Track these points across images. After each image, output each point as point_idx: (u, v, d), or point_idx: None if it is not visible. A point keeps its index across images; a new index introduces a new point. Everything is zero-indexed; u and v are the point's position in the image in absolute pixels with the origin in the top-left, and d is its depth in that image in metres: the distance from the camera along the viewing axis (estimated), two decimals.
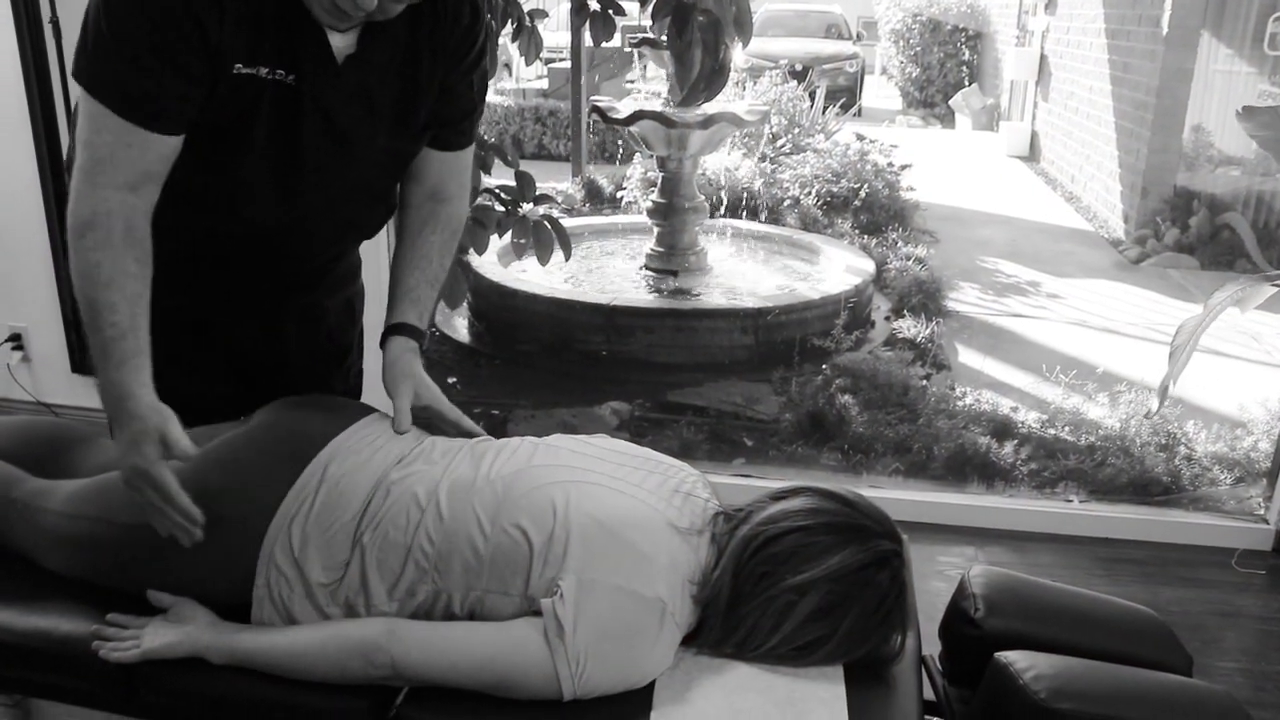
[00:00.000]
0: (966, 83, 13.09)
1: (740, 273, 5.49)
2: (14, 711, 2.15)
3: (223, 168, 1.50)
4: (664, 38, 2.93)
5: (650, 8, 2.82)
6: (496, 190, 2.86)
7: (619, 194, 7.19)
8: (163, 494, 1.39)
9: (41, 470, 1.68)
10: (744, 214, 6.56)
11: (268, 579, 1.42)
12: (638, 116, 4.85)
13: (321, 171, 1.55)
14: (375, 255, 2.00)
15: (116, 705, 1.53)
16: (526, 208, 2.87)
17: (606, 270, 5.53)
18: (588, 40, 7.47)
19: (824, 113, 8.41)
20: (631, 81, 9.26)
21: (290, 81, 1.45)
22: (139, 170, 1.41)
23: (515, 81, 10.21)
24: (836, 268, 5.42)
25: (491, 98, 9.50)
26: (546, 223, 2.85)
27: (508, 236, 2.89)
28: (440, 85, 1.58)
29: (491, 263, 4.92)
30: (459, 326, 5.01)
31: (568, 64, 8.55)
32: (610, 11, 2.88)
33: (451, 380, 4.51)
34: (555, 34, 9.41)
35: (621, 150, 7.84)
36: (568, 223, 2.88)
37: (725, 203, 6.50)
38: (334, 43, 1.46)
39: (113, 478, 1.49)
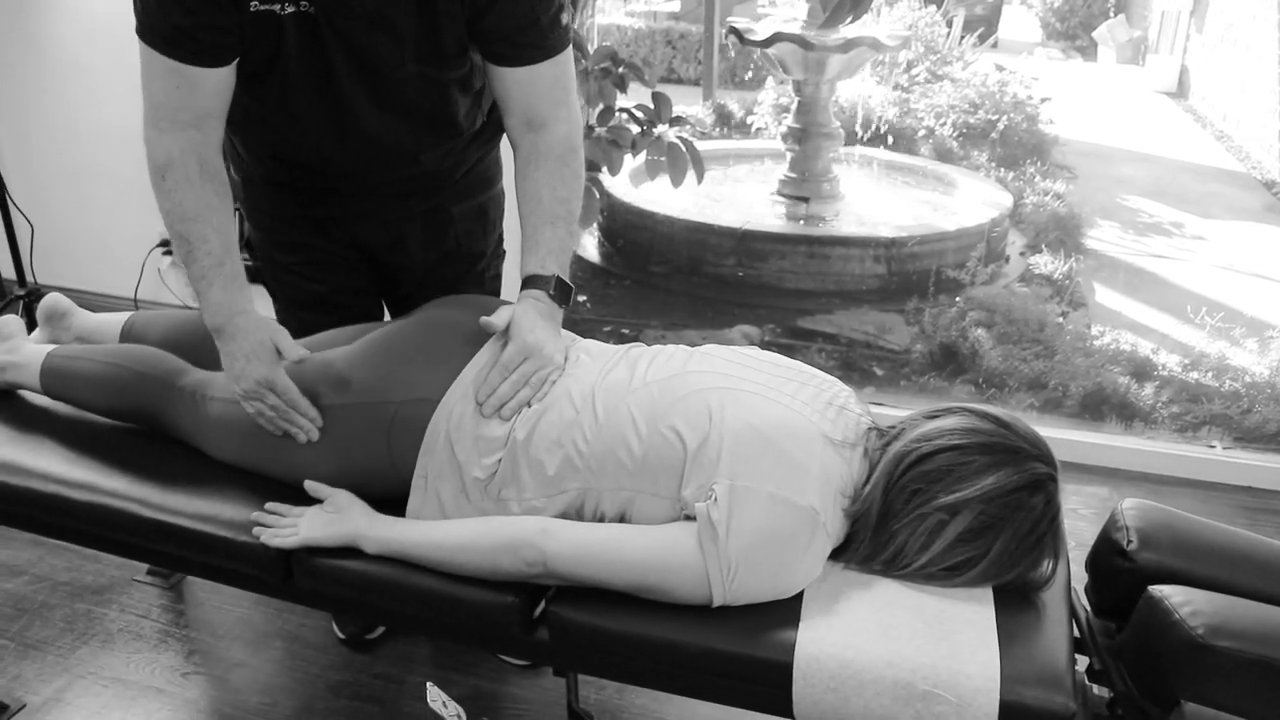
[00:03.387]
0: (1112, 13, 12.51)
1: (873, 201, 5.38)
2: (170, 594, 2.26)
3: (276, 105, 1.57)
4: None
5: None
6: (633, 110, 2.84)
7: (749, 119, 7.09)
8: (287, 398, 1.48)
9: (202, 363, 1.74)
10: (878, 143, 6.42)
11: (425, 470, 1.45)
12: (776, 38, 4.75)
13: (360, 99, 1.58)
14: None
15: (272, 589, 1.59)
16: (661, 129, 2.85)
17: (737, 195, 5.46)
18: None
19: (961, 41, 8.15)
20: (763, 5, 9.07)
21: (311, 12, 1.47)
22: (196, 109, 1.48)
23: (645, 4, 10.08)
24: (972, 200, 5.27)
25: (621, 20, 9.41)
26: (681, 144, 2.83)
27: (640, 158, 2.88)
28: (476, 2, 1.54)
29: (623, 183, 4.90)
30: (589, 245, 5.01)
31: None
32: None
33: (581, 299, 4.52)
34: None
35: (762, 75, 7.71)
36: (699, 146, 2.87)
37: (859, 131, 6.36)
38: None
39: None
